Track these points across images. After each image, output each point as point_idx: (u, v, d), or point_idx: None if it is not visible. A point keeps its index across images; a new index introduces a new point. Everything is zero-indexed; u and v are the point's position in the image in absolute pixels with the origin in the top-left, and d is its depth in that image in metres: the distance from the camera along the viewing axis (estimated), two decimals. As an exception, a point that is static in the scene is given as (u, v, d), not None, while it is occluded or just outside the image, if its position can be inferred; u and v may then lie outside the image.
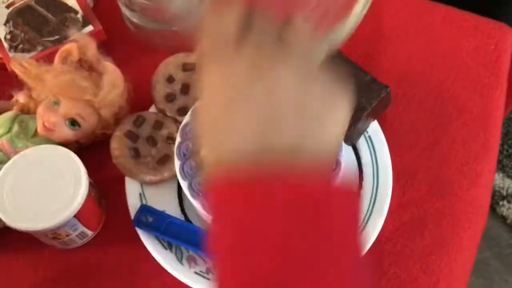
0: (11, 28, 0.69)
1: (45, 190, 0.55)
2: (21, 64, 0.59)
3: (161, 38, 0.69)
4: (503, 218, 1.32)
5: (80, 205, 0.55)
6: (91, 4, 0.76)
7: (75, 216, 0.55)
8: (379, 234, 0.60)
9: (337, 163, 0.56)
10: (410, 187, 0.64)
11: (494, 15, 0.75)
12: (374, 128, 0.65)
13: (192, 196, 0.55)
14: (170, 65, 0.66)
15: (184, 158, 0.57)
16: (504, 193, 1.35)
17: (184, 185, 0.56)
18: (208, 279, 0.57)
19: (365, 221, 0.60)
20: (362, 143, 0.65)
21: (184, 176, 0.56)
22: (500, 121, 0.71)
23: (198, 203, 0.55)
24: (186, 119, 0.59)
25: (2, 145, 0.61)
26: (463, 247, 0.61)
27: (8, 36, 0.69)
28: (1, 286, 0.60)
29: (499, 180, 1.37)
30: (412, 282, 0.59)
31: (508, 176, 1.38)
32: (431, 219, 0.62)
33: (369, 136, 0.65)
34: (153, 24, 0.69)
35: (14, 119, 0.62)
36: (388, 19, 0.75)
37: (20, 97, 0.64)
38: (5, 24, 0.70)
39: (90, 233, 0.60)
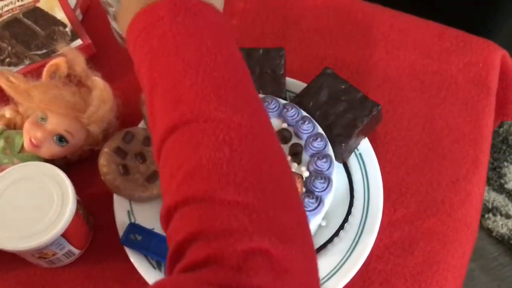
0: (-2, 41, 0.68)
1: (31, 209, 0.54)
2: (8, 79, 0.58)
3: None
4: (489, 231, 1.33)
5: (67, 224, 0.53)
6: (80, 17, 0.76)
7: (62, 235, 0.54)
8: (370, 253, 0.60)
9: (328, 181, 0.55)
10: (401, 205, 0.64)
11: (482, 33, 0.76)
12: (365, 146, 0.65)
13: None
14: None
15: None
16: (490, 206, 1.36)
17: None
18: (198, 299, 0.56)
19: (356, 240, 0.59)
20: (353, 161, 0.64)
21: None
22: (489, 137, 0.71)
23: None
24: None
25: (-13, 161, 0.59)
26: (454, 265, 0.61)
27: (-5, 49, 0.68)
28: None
29: (485, 193, 1.38)
30: (403, 301, 0.59)
31: (494, 189, 1.38)
32: (421, 237, 0.62)
33: (359, 154, 0.64)
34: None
35: (0, 135, 0.61)
36: (379, 36, 0.75)
37: (7, 112, 0.63)
38: (-9, 37, 0.69)
39: (77, 251, 0.59)
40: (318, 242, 0.60)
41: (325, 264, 0.59)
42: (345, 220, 0.61)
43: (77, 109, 0.59)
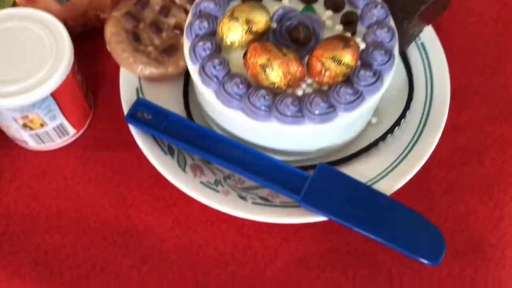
0: None
1: (20, 60, 0.43)
2: None
3: None
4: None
5: (60, 81, 0.43)
6: None
7: (52, 95, 0.43)
8: (430, 159, 0.48)
9: (390, 54, 0.44)
10: (468, 107, 0.53)
11: None
12: (428, 34, 0.53)
13: (203, 82, 0.43)
14: None
15: (196, 37, 0.45)
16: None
17: (193, 69, 0.44)
18: (217, 191, 0.45)
19: (415, 139, 0.48)
20: (413, 51, 0.53)
21: (195, 58, 0.44)
22: None
23: (210, 91, 0.43)
24: (201, -5, 0.47)
25: (-31, 14, 0.48)
26: (531, 181, 0.50)
27: None
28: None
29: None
30: (470, 215, 0.47)
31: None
32: (492, 145, 0.51)
33: (422, 43, 0.53)
34: None
35: (-13, -12, 0.50)
36: None
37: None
38: None
39: (71, 130, 0.48)
40: (368, 139, 0.49)
41: (375, 164, 0.47)
42: (402, 115, 0.50)
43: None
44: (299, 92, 0.43)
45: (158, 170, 0.46)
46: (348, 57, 0.41)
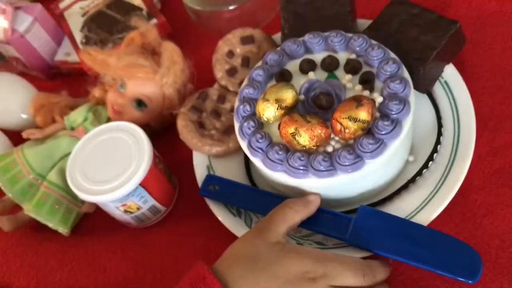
0: (86, 33, 0.75)
1: (113, 163, 0.56)
2: (88, 52, 0.63)
3: (219, 19, 0.70)
4: None
5: (145, 173, 0.55)
6: (159, 6, 0.80)
7: (141, 185, 0.55)
8: (468, 184, 0.53)
9: (405, 103, 0.51)
10: (501, 131, 0.56)
11: None
12: (450, 72, 0.59)
13: (252, 154, 0.53)
14: (228, 41, 0.66)
15: (243, 119, 0.55)
16: None
17: (243, 145, 0.54)
18: (279, 242, 0.54)
19: (447, 170, 0.53)
20: (438, 90, 0.59)
21: (243, 136, 0.54)
22: None
23: (258, 160, 0.53)
24: (243, 84, 0.58)
25: (79, 132, 0.64)
26: None
27: (84, 40, 0.74)
28: (80, 267, 0.62)
29: None
30: (513, 232, 0.51)
31: None
32: (529, 163, 0.54)
33: (445, 82, 0.59)
34: (211, 7, 0.70)
35: (89, 110, 0.66)
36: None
37: (96, 92, 0.68)
38: (81, 31, 0.75)
39: (162, 208, 0.61)
40: (407, 176, 0.55)
41: (414, 198, 0.53)
42: (434, 150, 0.55)
43: (150, 72, 0.61)
44: (329, 149, 0.51)
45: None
46: (363, 114, 0.49)
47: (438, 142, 0.56)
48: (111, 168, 0.56)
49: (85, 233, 0.64)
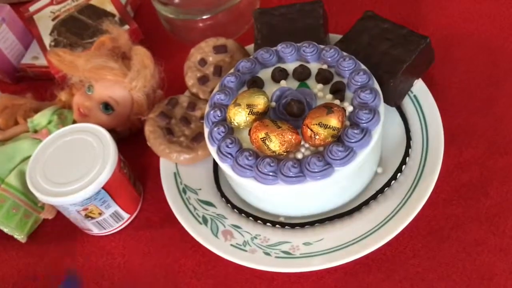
0: (56, 36, 0.73)
1: (76, 165, 0.54)
2: (56, 53, 0.61)
3: (192, 29, 0.70)
4: None
5: (109, 177, 0.53)
6: (132, 14, 0.79)
7: (104, 188, 0.53)
8: (436, 198, 0.54)
9: (374, 112, 0.51)
10: (468, 146, 0.57)
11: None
12: (420, 87, 0.59)
13: (221, 159, 0.52)
14: (201, 49, 0.66)
15: (213, 124, 0.54)
16: None
17: (213, 150, 0.53)
18: (245, 250, 0.53)
19: (415, 182, 0.53)
20: (407, 104, 0.59)
21: (213, 141, 0.53)
22: None
23: (227, 166, 0.52)
24: (215, 90, 0.58)
25: (42, 134, 0.62)
26: (539, 206, 0.53)
27: (53, 44, 0.73)
28: (41, 273, 0.59)
29: None
30: (480, 245, 0.51)
31: None
32: (496, 177, 0.55)
33: (414, 96, 0.59)
34: (185, 15, 0.70)
35: (54, 112, 0.64)
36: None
37: (63, 96, 0.66)
38: (50, 34, 0.74)
39: (125, 215, 0.59)
40: (375, 188, 0.55)
41: (383, 209, 0.53)
42: (403, 162, 0.55)
43: (119, 74, 0.60)
44: (299, 156, 0.50)
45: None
46: (333, 121, 0.49)
47: (406, 154, 0.56)
48: (73, 170, 0.54)
49: (43, 240, 0.62)
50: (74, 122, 0.63)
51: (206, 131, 0.55)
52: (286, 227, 0.54)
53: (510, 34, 0.65)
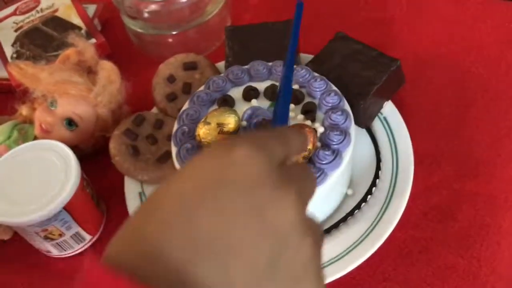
0: (18, 48, 0.70)
1: (35, 183, 0.52)
2: (17, 65, 0.59)
3: (161, 44, 0.69)
4: None
5: (70, 196, 0.51)
6: (99, 27, 0.77)
7: (65, 209, 0.51)
8: (405, 221, 0.53)
9: (345, 134, 0.50)
10: (436, 169, 0.57)
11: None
12: (389, 109, 0.60)
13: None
14: (170, 65, 0.65)
15: (180, 142, 0.53)
16: None
17: (180, 170, 0.52)
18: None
19: (385, 205, 0.53)
20: (377, 125, 0.59)
21: (181, 160, 0.52)
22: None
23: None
24: (184, 106, 0.56)
25: (0, 150, 0.59)
26: (506, 229, 0.53)
27: (15, 55, 0.70)
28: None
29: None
30: (449, 269, 0.51)
31: None
32: (464, 201, 0.55)
33: (384, 118, 0.59)
34: (154, 30, 0.68)
35: (14, 127, 0.61)
36: (399, 5, 0.72)
37: (23, 110, 0.63)
38: (12, 45, 0.71)
39: (87, 236, 0.56)
40: (345, 210, 0.54)
41: (353, 232, 0.52)
42: (373, 184, 0.55)
43: (84, 89, 0.58)
44: (269, 177, 0.49)
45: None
46: (305, 142, 0.48)
47: (376, 176, 0.56)
48: (33, 188, 0.51)
49: (-2, 262, 0.58)
50: (35, 137, 0.61)
51: (174, 149, 0.53)
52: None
53: (478, 57, 0.66)
